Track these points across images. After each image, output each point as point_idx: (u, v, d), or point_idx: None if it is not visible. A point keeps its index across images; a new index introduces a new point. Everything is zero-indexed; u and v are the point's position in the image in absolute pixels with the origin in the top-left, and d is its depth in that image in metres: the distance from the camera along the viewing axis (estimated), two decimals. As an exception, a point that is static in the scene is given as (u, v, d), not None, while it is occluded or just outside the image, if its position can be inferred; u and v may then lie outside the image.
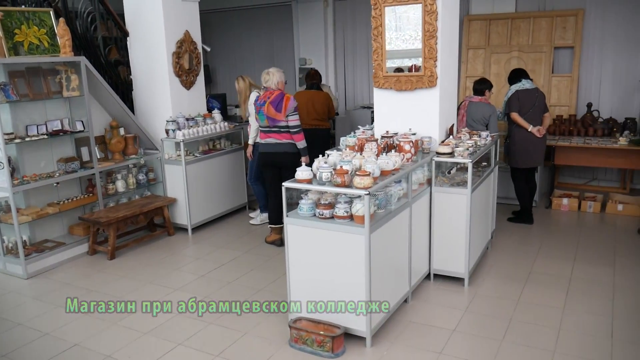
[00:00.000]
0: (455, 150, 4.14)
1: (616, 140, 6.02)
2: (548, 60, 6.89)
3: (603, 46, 6.73)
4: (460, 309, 3.92)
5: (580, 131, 6.42)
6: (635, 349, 3.34)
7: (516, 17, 7.05)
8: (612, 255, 4.82)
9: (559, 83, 6.90)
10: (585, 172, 7.03)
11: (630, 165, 6.07)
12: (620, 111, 6.70)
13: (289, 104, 4.88)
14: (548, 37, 6.89)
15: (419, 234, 4.08)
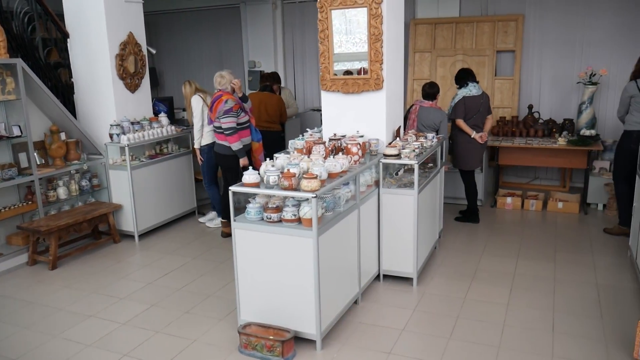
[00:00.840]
0: (402, 151, 4.20)
1: (555, 140, 6.26)
2: (491, 64, 7.10)
3: (542, 50, 6.99)
4: (409, 309, 3.97)
5: (522, 132, 6.63)
6: (574, 340, 3.47)
7: (460, 21, 7.23)
8: (553, 251, 5.00)
9: (501, 85, 7.12)
10: (527, 171, 7.28)
11: (569, 165, 6.32)
12: (559, 112, 6.97)
13: (219, 106, 5.01)
14: (490, 41, 7.10)
15: (367, 235, 4.12)
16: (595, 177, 6.25)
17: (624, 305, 3.94)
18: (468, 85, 5.59)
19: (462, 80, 5.65)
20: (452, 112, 5.65)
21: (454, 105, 5.63)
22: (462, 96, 5.56)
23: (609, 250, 5.02)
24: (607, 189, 6.10)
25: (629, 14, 6.50)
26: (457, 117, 5.58)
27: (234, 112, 4.99)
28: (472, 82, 5.61)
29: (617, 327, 3.60)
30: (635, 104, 4.98)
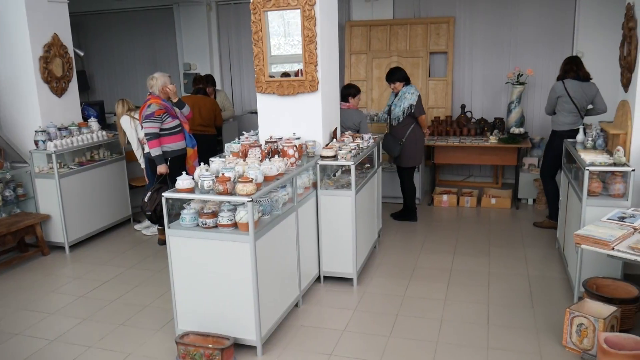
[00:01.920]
0: (339, 153, 4.21)
1: (487, 139, 6.47)
2: (425, 65, 7.26)
3: (472, 51, 7.22)
4: (350, 309, 3.99)
5: (456, 131, 6.82)
6: (508, 331, 3.59)
7: (394, 23, 7.36)
8: (487, 246, 5.17)
9: (435, 86, 7.29)
10: (462, 169, 7.50)
11: (500, 162, 6.56)
12: (490, 111, 7.21)
13: (142, 110, 4.93)
14: (424, 42, 7.26)
15: (306, 237, 4.10)
16: (525, 173, 6.51)
17: (553, 295, 4.11)
18: (410, 84, 5.66)
19: (407, 80, 5.66)
20: (417, 109, 5.57)
21: (418, 102, 5.56)
22: (418, 93, 5.61)
23: (539, 243, 5.23)
24: (536, 184, 6.37)
25: (553, 17, 6.81)
26: (423, 113, 5.67)
27: (155, 117, 4.87)
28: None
29: (547, 316, 3.75)
30: (562, 104, 5.20)
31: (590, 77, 5.18)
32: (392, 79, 5.63)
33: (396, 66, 5.84)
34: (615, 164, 3.73)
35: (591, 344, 3.19)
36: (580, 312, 3.25)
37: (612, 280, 3.70)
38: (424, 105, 7.08)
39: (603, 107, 5.09)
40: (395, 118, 5.65)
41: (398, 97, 5.62)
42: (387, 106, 5.80)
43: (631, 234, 3.10)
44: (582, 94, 5.10)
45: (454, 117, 7.14)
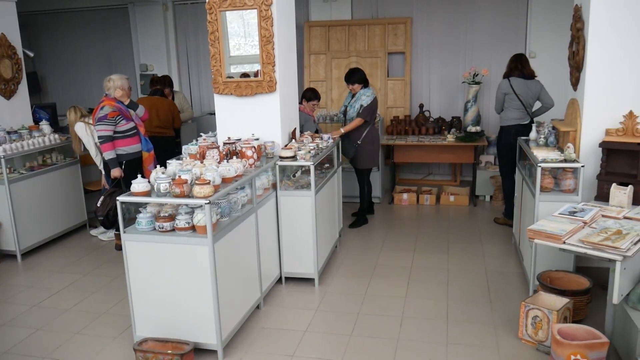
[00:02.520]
0: (298, 153, 4.20)
1: (445, 137, 6.58)
2: (383, 65, 7.33)
3: (430, 51, 7.33)
4: (312, 309, 3.98)
5: (415, 130, 6.91)
6: (467, 326, 3.65)
7: (352, 24, 7.40)
8: (446, 243, 5.25)
9: (394, 86, 7.37)
10: (421, 168, 7.60)
11: (458, 160, 6.67)
12: (448, 110, 7.34)
13: (95, 113, 4.83)
14: (382, 43, 7.33)
15: (267, 238, 4.08)
16: (482, 171, 6.65)
17: (510, 289, 4.20)
18: (368, 86, 5.64)
19: (365, 81, 5.60)
20: (364, 111, 5.47)
21: (369, 105, 5.48)
22: (375, 97, 5.60)
23: (496, 239, 5.35)
24: (492, 181, 6.51)
25: (506, 18, 6.99)
26: (366, 118, 5.55)
27: (109, 119, 4.76)
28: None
29: (504, 310, 3.84)
30: (509, 101, 5.35)
31: (535, 74, 5.36)
32: (350, 80, 5.59)
33: (355, 67, 5.82)
34: (566, 161, 3.85)
35: (546, 336, 3.28)
36: (535, 305, 3.34)
37: (565, 273, 3.82)
38: (382, 105, 7.19)
39: (549, 101, 5.27)
40: (350, 119, 5.60)
41: (355, 98, 5.59)
42: (344, 106, 5.78)
43: (581, 228, 3.20)
44: (528, 91, 5.27)
45: (412, 116, 7.23)
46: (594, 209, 3.46)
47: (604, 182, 3.76)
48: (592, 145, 3.95)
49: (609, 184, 3.65)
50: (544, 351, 3.27)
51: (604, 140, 3.77)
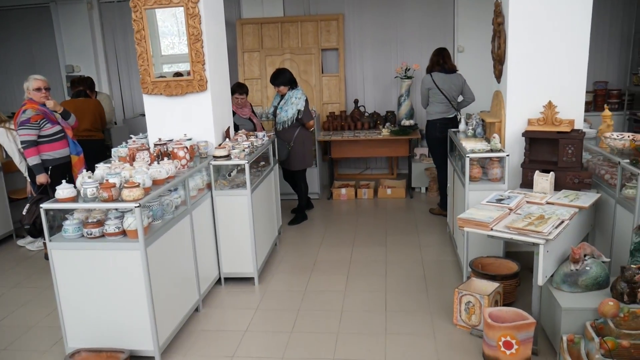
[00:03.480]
0: (232, 152, 4.16)
1: (380, 132, 6.69)
2: (317, 61, 7.36)
3: (362, 47, 7.42)
4: (252, 309, 3.96)
5: (351, 125, 6.99)
6: (404, 316, 3.73)
7: (285, 20, 7.39)
8: (384, 236, 5.35)
9: (329, 82, 7.42)
10: (359, 162, 7.70)
11: (393, 153, 6.81)
12: (382, 105, 7.47)
13: (17, 117, 4.64)
14: (315, 39, 7.36)
15: (204, 240, 4.01)
16: (417, 163, 6.81)
17: (445, 277, 4.33)
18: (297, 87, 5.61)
19: (294, 81, 5.57)
20: (305, 115, 5.48)
21: (305, 108, 5.48)
22: (306, 97, 5.57)
23: (432, 229, 5.49)
24: (427, 173, 6.68)
25: (434, 14, 7.19)
26: (311, 119, 5.59)
27: (32, 123, 4.55)
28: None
29: (440, 298, 3.95)
30: (433, 96, 5.51)
31: (456, 69, 5.54)
32: (276, 82, 5.47)
33: (281, 68, 5.68)
34: (492, 151, 4.00)
35: (479, 320, 3.40)
36: (468, 291, 3.46)
37: (496, 258, 3.97)
38: (318, 101, 7.23)
39: (471, 96, 5.46)
40: (281, 123, 5.50)
41: (284, 100, 5.50)
42: (272, 107, 5.67)
43: (507, 215, 3.33)
44: (450, 85, 5.44)
45: (348, 112, 7.31)
46: (519, 196, 3.62)
47: (527, 170, 3.93)
48: (516, 135, 4.12)
49: (533, 171, 3.82)
50: (477, 335, 3.39)
51: (526, 130, 3.94)
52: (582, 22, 3.95)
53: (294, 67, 7.35)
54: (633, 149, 3.43)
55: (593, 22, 3.80)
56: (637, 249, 3.11)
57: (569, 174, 3.76)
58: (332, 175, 7.23)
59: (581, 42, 3.98)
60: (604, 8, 6.86)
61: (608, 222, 3.62)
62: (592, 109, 6.84)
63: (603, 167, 3.85)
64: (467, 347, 3.32)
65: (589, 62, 4.06)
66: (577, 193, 3.66)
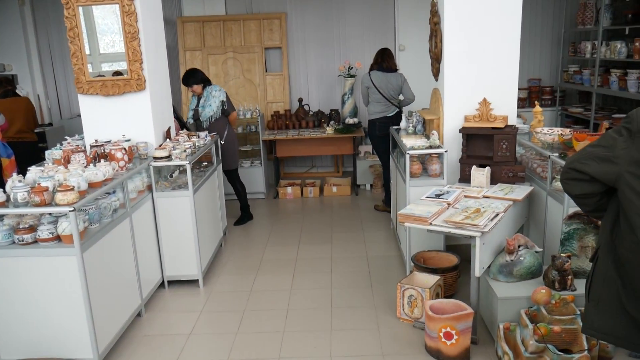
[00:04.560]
0: (173, 152, 4.08)
1: (324, 130, 6.73)
2: (260, 60, 7.32)
3: (305, 46, 7.44)
4: (196, 311, 3.90)
5: (295, 124, 6.99)
6: (350, 311, 3.78)
7: (227, 19, 7.31)
8: (330, 233, 5.39)
9: (272, 81, 7.40)
10: (305, 161, 7.72)
11: (338, 151, 6.86)
12: (326, 103, 7.51)
13: None
14: (258, 38, 7.32)
15: (145, 243, 3.92)
16: (361, 161, 6.90)
17: (389, 272, 4.41)
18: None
19: (207, 80, 5.43)
20: (229, 105, 5.42)
21: (228, 98, 5.42)
22: (225, 91, 5.47)
23: (377, 225, 5.58)
24: (372, 170, 6.78)
25: (375, 14, 7.29)
26: (234, 109, 5.52)
27: None
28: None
29: (384, 293, 4.02)
30: (372, 95, 5.60)
31: (396, 68, 5.63)
32: (189, 82, 5.31)
33: (192, 68, 5.52)
34: (431, 147, 4.10)
35: (421, 313, 3.48)
36: (410, 285, 3.53)
37: (437, 252, 4.07)
38: (262, 100, 7.20)
39: (410, 96, 5.54)
40: (206, 120, 5.33)
41: (204, 98, 5.36)
42: (191, 110, 5.44)
43: (446, 209, 3.43)
44: (387, 84, 5.50)
45: (292, 110, 7.31)
46: (457, 191, 3.73)
47: (465, 165, 4.05)
48: (453, 131, 4.24)
49: (470, 166, 3.94)
50: (419, 327, 3.47)
51: (463, 126, 4.06)
52: (513, 23, 4.10)
53: (237, 65, 7.31)
54: (561, 143, 3.60)
55: (526, 23, 3.97)
56: (567, 238, 3.27)
57: (503, 168, 3.90)
58: (277, 174, 7.21)
59: (513, 42, 4.14)
60: (535, 9, 7.17)
61: (540, 213, 3.79)
62: (526, 105, 7.14)
63: (535, 161, 4.02)
64: (410, 339, 3.39)
65: (523, 60, 4.24)
66: (512, 186, 3.80)
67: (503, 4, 4.07)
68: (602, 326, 2.00)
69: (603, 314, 1.99)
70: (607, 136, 1.90)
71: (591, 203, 1.99)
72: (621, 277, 1.91)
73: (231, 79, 7.34)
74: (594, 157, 1.89)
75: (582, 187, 1.96)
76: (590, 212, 2.07)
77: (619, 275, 1.92)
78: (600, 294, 1.99)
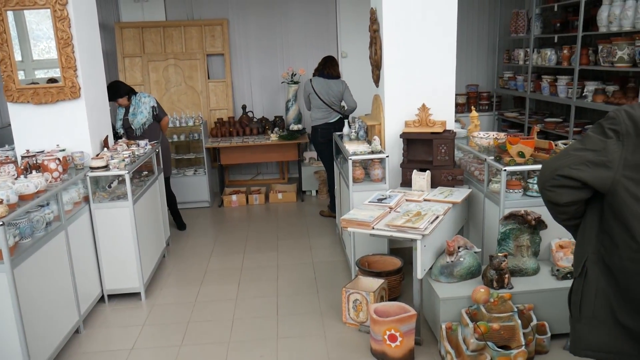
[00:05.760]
0: (110, 162, 3.96)
1: (269, 137, 6.71)
2: (203, 67, 7.23)
3: (248, 53, 7.40)
4: (138, 325, 3.79)
5: (239, 131, 6.94)
6: (296, 318, 3.77)
7: (167, 25, 7.18)
8: (276, 240, 5.36)
9: (215, 88, 7.32)
10: (250, 168, 7.67)
11: (283, 158, 6.86)
12: (270, 110, 7.50)
13: None
14: (200, 44, 7.22)
15: (82, 256, 3.78)
16: (306, 167, 6.91)
17: (335, 277, 4.42)
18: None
19: (132, 90, 5.31)
20: (161, 110, 5.35)
21: (159, 105, 5.37)
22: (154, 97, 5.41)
23: (322, 231, 5.60)
24: (317, 176, 6.80)
25: (318, 21, 7.33)
26: (166, 114, 5.45)
27: None
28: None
29: (330, 298, 4.03)
30: (313, 101, 5.64)
31: (338, 75, 5.68)
32: (114, 97, 5.10)
33: (114, 82, 5.29)
34: (373, 152, 4.16)
35: (366, 317, 3.51)
36: (354, 289, 3.56)
37: (381, 255, 4.13)
38: (205, 107, 7.12)
39: (351, 103, 5.59)
40: (139, 127, 5.21)
41: (132, 106, 5.23)
42: (120, 120, 5.26)
43: (388, 213, 3.48)
44: (329, 90, 5.55)
45: (236, 117, 7.24)
46: (399, 195, 3.79)
47: (406, 170, 4.13)
48: (394, 137, 4.32)
49: (411, 170, 4.02)
50: (365, 331, 3.50)
51: (403, 131, 4.15)
52: (449, 30, 4.23)
53: (178, 72, 7.18)
54: (496, 146, 3.73)
55: (463, 31, 4.10)
56: (504, 238, 3.39)
57: (443, 172, 4.00)
58: (222, 182, 7.12)
59: (449, 49, 4.26)
60: (471, 18, 7.41)
61: (479, 215, 3.91)
62: (466, 110, 7.36)
63: (473, 164, 4.15)
64: (356, 343, 3.42)
65: (461, 67, 4.38)
66: (451, 189, 3.91)
67: (439, 12, 4.19)
68: (598, 343, 1.81)
69: (598, 330, 1.81)
70: (593, 139, 1.73)
71: (572, 211, 1.83)
72: (616, 289, 1.74)
73: (172, 86, 7.21)
74: (585, 162, 1.71)
75: (571, 194, 1.77)
76: (565, 221, 1.90)
77: (612, 287, 1.75)
78: (593, 310, 1.81)
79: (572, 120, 5.59)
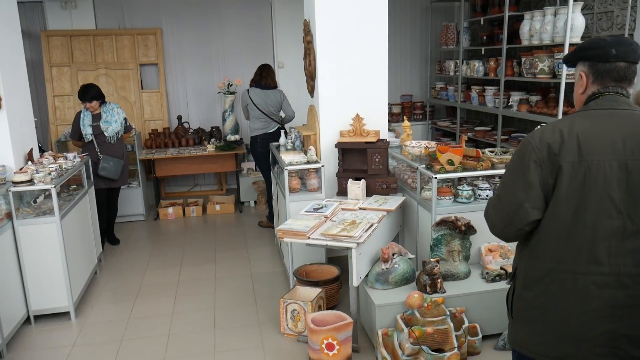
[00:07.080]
0: (35, 176, 3.79)
1: (205, 147, 6.62)
2: (136, 77, 7.05)
3: (183, 62, 7.29)
4: (68, 346, 3.62)
5: (175, 142, 6.81)
6: (234, 331, 3.72)
7: (98, 34, 6.96)
8: (214, 252, 5.28)
9: (149, 98, 7.15)
10: (187, 180, 7.53)
11: (221, 169, 6.78)
12: (207, 121, 7.41)
13: None
14: (132, 54, 7.04)
15: (5, 276, 3.58)
16: (244, 178, 6.86)
17: (274, 288, 4.40)
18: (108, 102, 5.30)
19: (103, 95, 5.21)
20: (128, 123, 5.46)
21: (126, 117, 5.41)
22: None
23: (261, 241, 5.56)
24: (255, 186, 6.77)
25: (254, 31, 7.33)
26: (132, 127, 5.48)
27: None
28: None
29: (269, 309, 4.00)
30: (251, 111, 5.63)
31: (275, 85, 5.69)
32: (86, 97, 5.01)
33: (89, 83, 5.23)
34: (309, 162, 4.18)
35: (304, 327, 3.51)
36: (292, 299, 3.56)
37: (319, 265, 4.15)
38: (139, 118, 6.97)
39: (290, 112, 5.63)
40: (113, 136, 5.15)
41: (105, 114, 5.14)
42: (90, 127, 5.09)
43: (323, 222, 3.51)
44: (267, 100, 5.56)
45: (171, 128, 7.11)
46: (335, 204, 3.83)
47: (342, 179, 4.18)
48: (330, 147, 4.36)
49: (346, 179, 4.07)
50: (303, 341, 3.50)
51: (338, 141, 4.20)
52: (380, 41, 4.33)
53: (110, 82, 6.98)
54: (427, 155, 3.84)
55: (397, 42, 4.19)
56: (436, 244, 3.48)
57: (377, 180, 4.08)
58: (158, 194, 6.95)
59: (381, 59, 4.36)
60: (404, 29, 7.63)
61: (413, 222, 4.00)
62: (401, 119, 7.53)
63: (406, 173, 4.25)
64: (295, 354, 3.41)
65: (395, 77, 4.48)
66: (386, 197, 3.99)
67: (371, 23, 4.28)
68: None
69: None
70: (515, 174, 1.80)
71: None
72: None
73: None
74: (522, 203, 1.77)
75: (531, 225, 1.80)
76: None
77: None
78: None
79: (499, 128, 5.85)
